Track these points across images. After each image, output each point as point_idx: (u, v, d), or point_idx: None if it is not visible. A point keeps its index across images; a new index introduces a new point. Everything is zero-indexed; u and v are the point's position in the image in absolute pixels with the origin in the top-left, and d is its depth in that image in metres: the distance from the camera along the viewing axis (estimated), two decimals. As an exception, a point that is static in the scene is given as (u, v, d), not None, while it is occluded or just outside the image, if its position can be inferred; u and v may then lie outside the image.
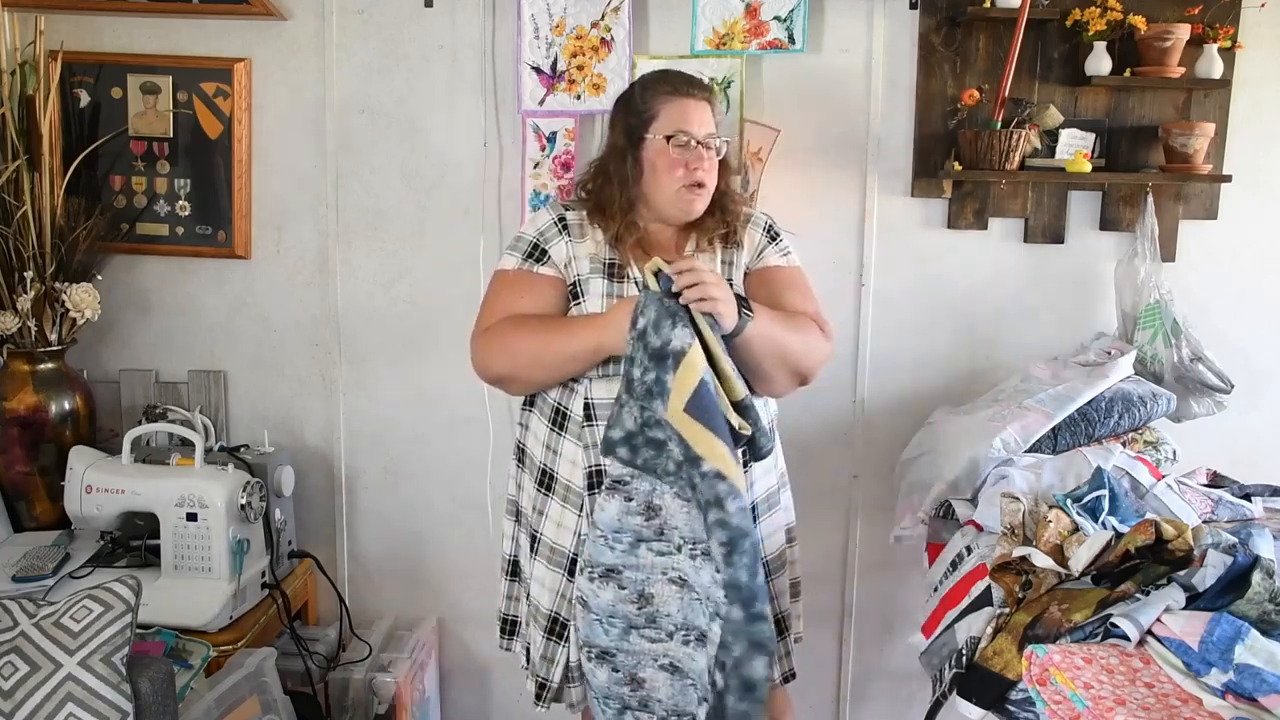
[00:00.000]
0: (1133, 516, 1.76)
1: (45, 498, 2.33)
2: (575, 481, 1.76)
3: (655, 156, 1.77)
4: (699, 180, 1.76)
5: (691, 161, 1.75)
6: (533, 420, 1.85)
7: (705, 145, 1.76)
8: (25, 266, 2.26)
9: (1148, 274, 2.35)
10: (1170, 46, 2.30)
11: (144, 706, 1.62)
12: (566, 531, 1.77)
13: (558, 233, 1.80)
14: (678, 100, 1.78)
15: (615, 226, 1.77)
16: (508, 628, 1.93)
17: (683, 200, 1.77)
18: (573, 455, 1.76)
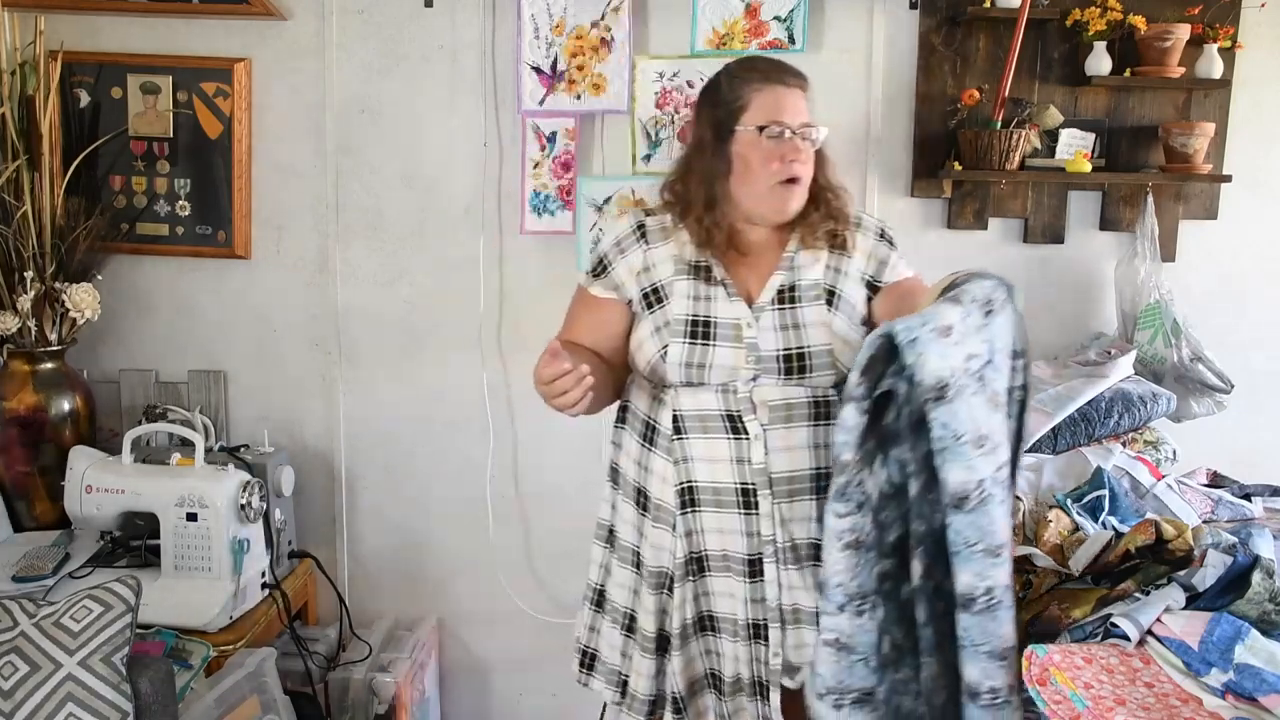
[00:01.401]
0: (1133, 516, 1.76)
1: (45, 498, 2.33)
2: (666, 499, 1.67)
3: (747, 150, 1.64)
4: (795, 174, 1.62)
5: (787, 154, 1.62)
6: (625, 437, 1.76)
7: (801, 136, 1.63)
8: (25, 266, 2.26)
9: (1148, 274, 2.35)
10: (1170, 46, 2.30)
11: (144, 706, 1.62)
12: (663, 553, 1.68)
13: (635, 240, 1.70)
14: (769, 88, 1.65)
15: (701, 228, 1.66)
16: (587, 660, 1.83)
17: (777, 197, 1.64)
18: (663, 471, 1.67)
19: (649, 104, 2.39)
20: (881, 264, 1.71)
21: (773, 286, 1.66)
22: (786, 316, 1.64)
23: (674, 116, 2.39)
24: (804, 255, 1.68)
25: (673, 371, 1.63)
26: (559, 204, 2.43)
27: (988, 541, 1.31)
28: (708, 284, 1.66)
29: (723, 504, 1.63)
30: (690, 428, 1.64)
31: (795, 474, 1.62)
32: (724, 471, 1.62)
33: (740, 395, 1.61)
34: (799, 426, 1.62)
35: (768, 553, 1.63)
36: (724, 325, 1.63)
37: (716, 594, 1.68)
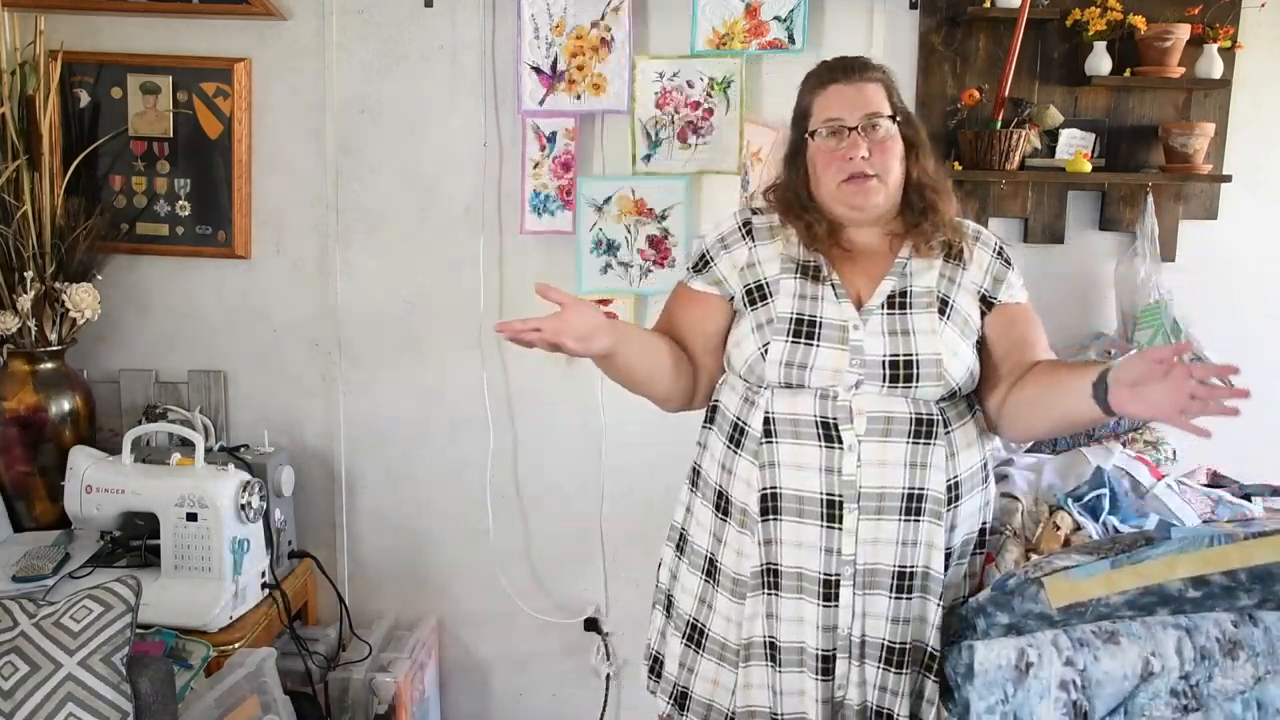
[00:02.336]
0: (1133, 516, 1.76)
1: (45, 498, 2.33)
2: (750, 504, 1.59)
3: (814, 154, 1.61)
4: (857, 170, 1.56)
5: (846, 150, 1.56)
6: (710, 439, 1.69)
7: (864, 130, 1.56)
8: (25, 266, 2.26)
9: (1148, 274, 2.35)
10: (1170, 46, 2.30)
11: (144, 706, 1.62)
12: (746, 560, 1.60)
13: (740, 237, 1.67)
14: (825, 89, 1.61)
15: (804, 225, 1.62)
16: (658, 667, 1.76)
17: (845, 196, 1.58)
18: (748, 475, 1.60)
19: (649, 104, 2.39)
20: (997, 281, 1.64)
21: (883, 291, 1.59)
22: (896, 322, 1.57)
23: (674, 116, 2.39)
24: (917, 262, 1.61)
25: (772, 371, 1.56)
26: (559, 204, 2.43)
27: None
28: (815, 283, 1.60)
29: (805, 514, 1.55)
30: (781, 431, 1.56)
31: (886, 490, 1.53)
32: (811, 480, 1.55)
33: (839, 402, 1.54)
34: (896, 442, 1.53)
35: (845, 574, 1.55)
36: (829, 326, 1.56)
37: (784, 619, 1.59)
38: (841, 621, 1.56)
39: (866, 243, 1.64)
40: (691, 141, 2.39)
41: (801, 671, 1.59)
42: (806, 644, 1.58)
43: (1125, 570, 1.43)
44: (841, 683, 1.57)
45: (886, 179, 1.58)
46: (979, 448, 1.63)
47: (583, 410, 2.51)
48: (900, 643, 1.56)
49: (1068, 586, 1.44)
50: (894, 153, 1.59)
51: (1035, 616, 1.45)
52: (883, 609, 1.55)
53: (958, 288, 1.61)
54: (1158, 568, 1.43)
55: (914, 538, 1.54)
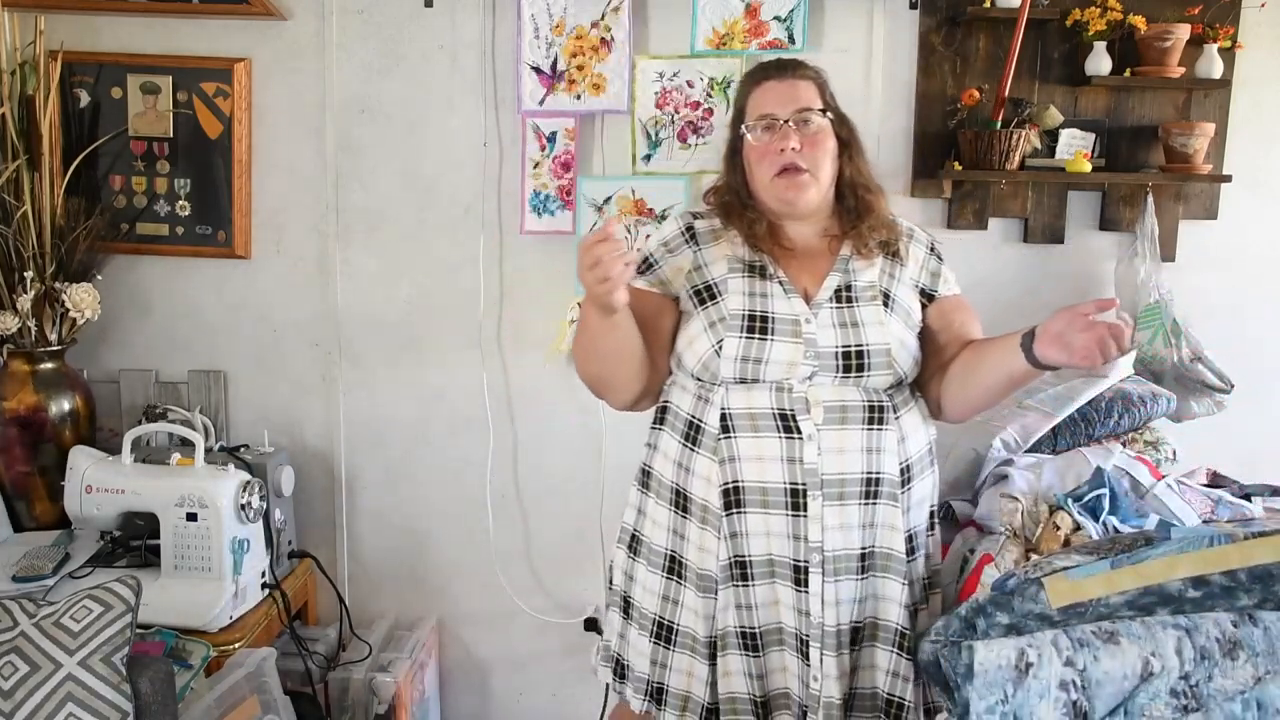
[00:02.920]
0: (1133, 516, 1.76)
1: (45, 498, 2.33)
2: (712, 500, 1.62)
3: (749, 151, 1.66)
4: (789, 163, 1.60)
5: (777, 143, 1.61)
6: (662, 439, 1.71)
7: (796, 124, 1.61)
8: (25, 266, 2.26)
9: (1148, 274, 2.35)
10: (1170, 46, 2.30)
11: (144, 706, 1.62)
12: (709, 556, 1.63)
13: (684, 242, 1.71)
14: (759, 86, 1.67)
15: (745, 225, 1.66)
16: (620, 670, 1.77)
17: (778, 189, 1.62)
18: (707, 471, 1.62)
19: (649, 104, 2.39)
20: (935, 275, 1.73)
21: (830, 285, 1.65)
22: (844, 314, 1.62)
23: (674, 116, 2.39)
24: (858, 261, 1.67)
25: (727, 367, 1.60)
26: (559, 204, 2.43)
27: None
28: (763, 280, 1.64)
29: (770, 505, 1.59)
30: (739, 426, 1.60)
31: (846, 476, 1.59)
32: (773, 471, 1.59)
33: (795, 394, 1.59)
34: (853, 429, 1.59)
35: (814, 561, 1.59)
36: (782, 320, 1.61)
37: (761, 605, 1.63)
38: (813, 608, 1.60)
39: (807, 242, 1.69)
40: (691, 141, 2.40)
41: (783, 650, 1.64)
42: (785, 625, 1.63)
43: (1125, 570, 1.43)
44: (817, 673, 1.61)
45: (818, 174, 1.63)
46: (924, 432, 1.70)
47: (583, 410, 2.51)
48: (864, 619, 1.63)
49: (1068, 586, 1.45)
50: (825, 148, 1.64)
51: (1035, 616, 1.45)
52: (850, 593, 1.61)
53: (898, 283, 1.68)
54: (1158, 568, 1.43)
55: (874, 520, 1.61)
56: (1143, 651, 1.39)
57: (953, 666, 1.48)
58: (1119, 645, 1.39)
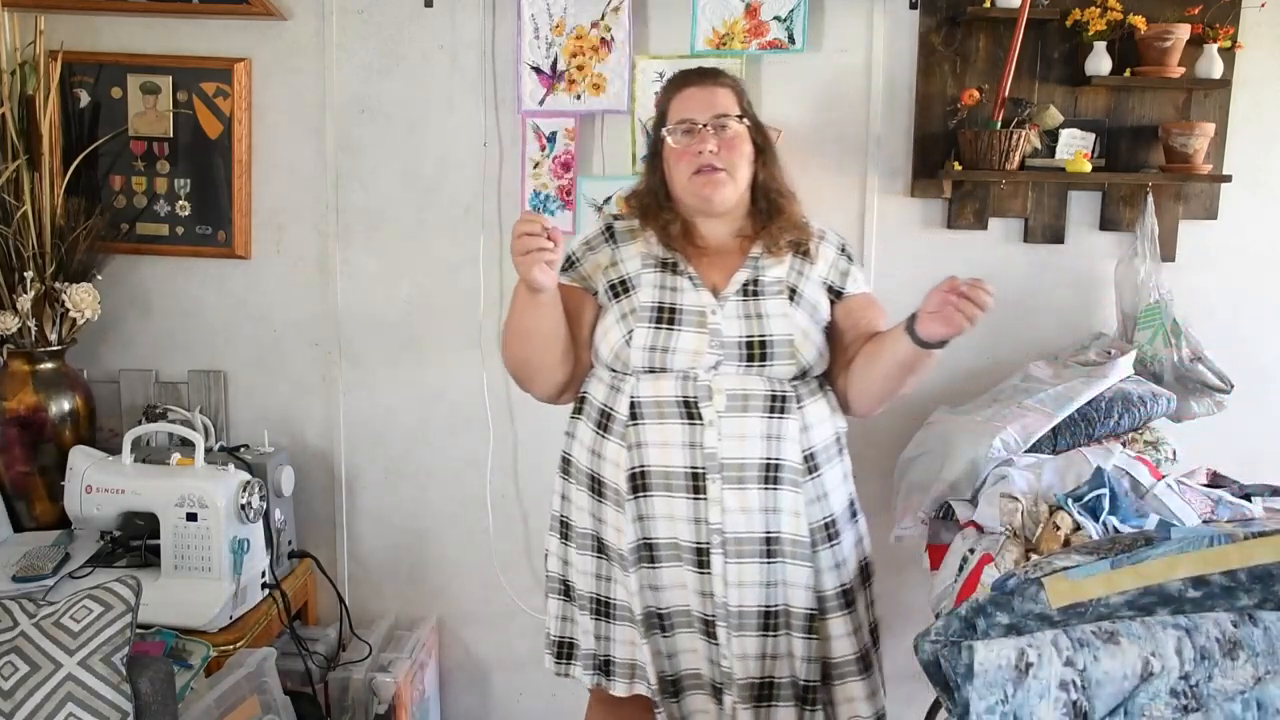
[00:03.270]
0: (1133, 516, 1.76)
1: (45, 498, 2.33)
2: (621, 483, 1.72)
3: (669, 153, 1.76)
4: (705, 163, 1.70)
5: (696, 145, 1.71)
6: (579, 427, 1.81)
7: (714, 128, 1.71)
8: (25, 266, 2.26)
9: (1148, 274, 2.35)
10: (1170, 46, 2.30)
11: (144, 706, 1.62)
12: (624, 537, 1.73)
13: (604, 241, 1.83)
14: (680, 93, 1.77)
15: (659, 226, 1.76)
16: (564, 651, 1.87)
17: (696, 188, 1.72)
18: (616, 457, 1.72)
19: (649, 104, 2.38)
20: (843, 274, 1.82)
21: (738, 279, 1.75)
22: (750, 306, 1.72)
23: (674, 116, 2.39)
24: (768, 259, 1.77)
25: (637, 355, 1.69)
26: (559, 204, 2.43)
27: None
28: (674, 275, 1.75)
29: (673, 488, 1.69)
30: (647, 413, 1.69)
31: (746, 461, 1.68)
32: (676, 456, 1.68)
33: (700, 382, 1.68)
34: (754, 416, 1.68)
35: (714, 542, 1.69)
36: (689, 312, 1.71)
37: (666, 587, 1.73)
38: (716, 589, 1.69)
39: (720, 241, 1.79)
40: (691, 141, 2.39)
41: (692, 632, 1.73)
42: (691, 607, 1.72)
43: (1125, 570, 1.43)
44: (726, 652, 1.70)
45: (734, 174, 1.73)
46: (831, 423, 1.79)
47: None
48: (770, 606, 1.71)
49: (1068, 586, 1.45)
50: (741, 151, 1.74)
51: (1035, 616, 1.45)
52: (754, 575, 1.70)
53: (806, 279, 1.78)
54: (1158, 568, 1.43)
55: (775, 505, 1.69)
56: (1143, 651, 1.39)
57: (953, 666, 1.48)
58: (1119, 645, 1.39)
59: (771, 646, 1.73)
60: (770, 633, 1.72)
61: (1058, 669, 1.39)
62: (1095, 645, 1.40)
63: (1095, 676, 1.38)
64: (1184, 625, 1.41)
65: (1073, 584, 1.44)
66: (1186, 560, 1.42)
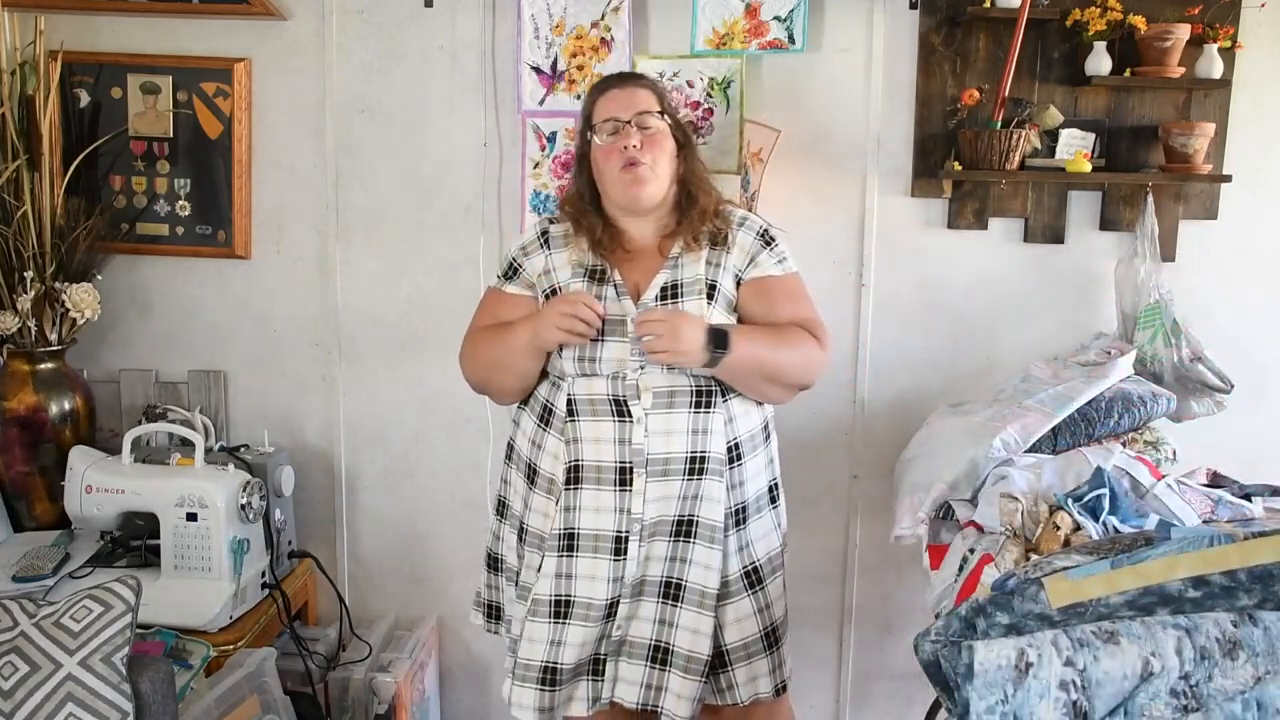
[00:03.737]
0: (1133, 516, 1.76)
1: (45, 498, 2.33)
2: (558, 475, 1.82)
3: (597, 152, 1.84)
4: (631, 158, 1.79)
5: (620, 141, 1.80)
6: (523, 418, 1.92)
7: (637, 125, 1.80)
8: (25, 266, 2.26)
9: (1148, 274, 2.35)
10: (1170, 46, 2.30)
11: (144, 706, 1.62)
12: (548, 520, 1.83)
13: (538, 246, 1.91)
14: (604, 95, 1.86)
15: (586, 231, 1.85)
16: (493, 612, 2.01)
17: (624, 183, 1.80)
18: (555, 450, 1.82)
19: (649, 104, 2.39)
20: (751, 260, 1.87)
21: (657, 284, 1.83)
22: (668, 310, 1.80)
23: (674, 116, 2.39)
24: (687, 256, 1.84)
25: (568, 365, 1.80)
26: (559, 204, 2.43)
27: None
28: (600, 285, 1.83)
29: (602, 481, 1.78)
30: (581, 411, 1.79)
31: (671, 455, 1.78)
32: (607, 451, 1.78)
33: (628, 382, 1.77)
34: (679, 412, 1.78)
35: (634, 530, 1.78)
36: (612, 322, 1.79)
37: (580, 577, 1.80)
38: (628, 572, 1.80)
39: (645, 242, 1.87)
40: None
41: (586, 624, 1.80)
42: (595, 598, 1.80)
43: (1125, 570, 1.43)
44: (620, 622, 1.81)
45: (656, 168, 1.81)
46: (758, 412, 1.88)
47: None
48: (677, 580, 1.81)
49: (1068, 586, 1.45)
50: (663, 147, 1.82)
51: (1035, 616, 1.45)
52: (661, 552, 1.80)
53: (722, 271, 1.84)
54: (1158, 568, 1.43)
55: (695, 493, 1.79)
56: (1143, 651, 1.39)
57: (952, 666, 1.48)
58: (1119, 645, 1.39)
59: (673, 615, 1.82)
60: (671, 602, 1.82)
61: (1058, 669, 1.39)
62: (1095, 645, 1.39)
63: (1095, 676, 1.38)
64: (1184, 625, 1.41)
65: (1073, 584, 1.44)
66: (1186, 560, 1.42)
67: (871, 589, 2.58)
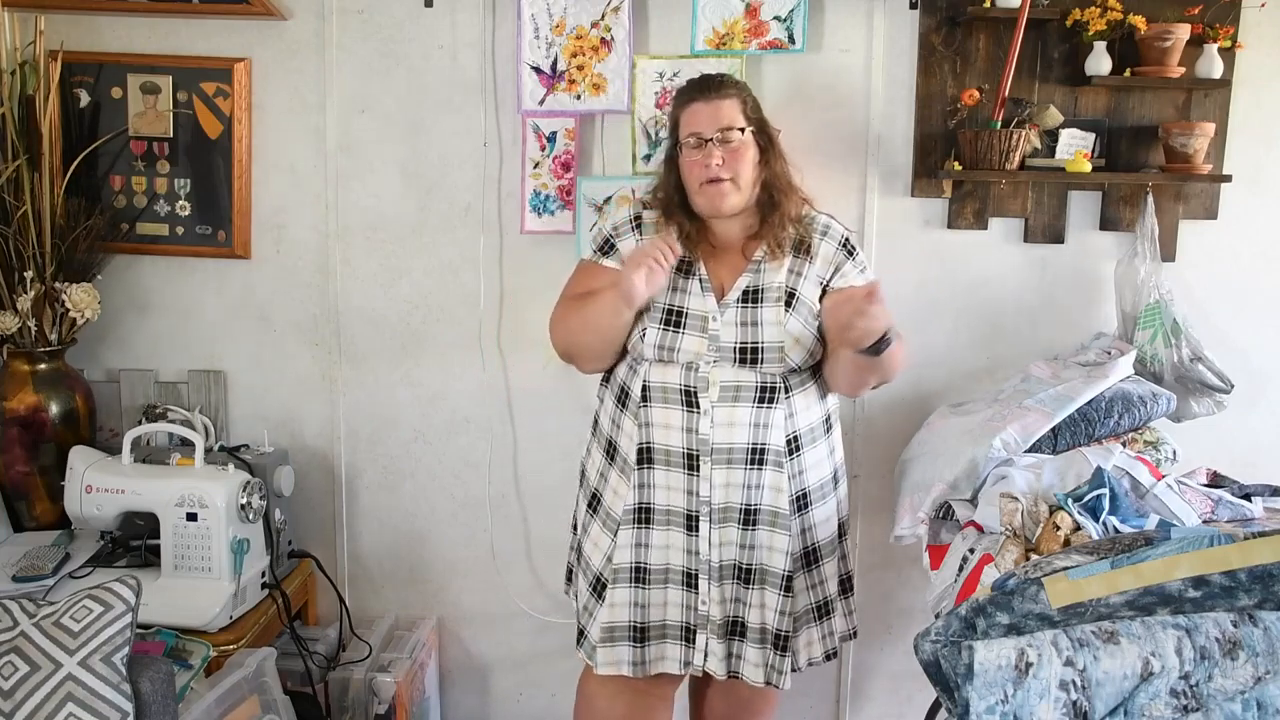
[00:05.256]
0: (1133, 516, 1.76)
1: (45, 498, 2.33)
2: (630, 455, 1.93)
3: (683, 162, 1.91)
4: (712, 175, 1.85)
5: (704, 158, 1.86)
6: (606, 396, 2.03)
7: (719, 141, 1.85)
8: (25, 266, 2.26)
9: (1148, 274, 2.35)
10: (1170, 46, 2.30)
11: (144, 706, 1.62)
12: (620, 500, 1.95)
13: (630, 229, 1.99)
14: (688, 107, 1.91)
15: (681, 230, 1.91)
16: (571, 575, 2.14)
17: (705, 197, 1.88)
18: (630, 431, 1.94)
19: (649, 104, 2.39)
20: (836, 270, 1.94)
21: (739, 287, 1.91)
22: (747, 314, 1.89)
23: (674, 116, 2.39)
24: (770, 261, 1.92)
25: (648, 351, 1.90)
26: (559, 204, 2.44)
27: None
28: (686, 277, 1.92)
29: (671, 464, 1.91)
30: (654, 397, 1.90)
31: (734, 446, 1.88)
32: (675, 437, 1.90)
33: (700, 374, 1.88)
34: (743, 406, 1.88)
35: (703, 511, 1.90)
36: (694, 317, 1.89)
37: (654, 546, 1.93)
38: (702, 549, 1.91)
39: (730, 240, 1.95)
40: (691, 141, 2.39)
41: (666, 587, 1.94)
42: (672, 565, 1.93)
43: (1125, 570, 1.43)
44: (705, 599, 1.92)
45: (739, 182, 1.87)
46: (820, 407, 1.98)
47: (583, 410, 2.49)
48: (748, 565, 1.92)
49: (1068, 586, 1.45)
50: (746, 158, 1.88)
51: (1035, 616, 1.45)
52: (733, 538, 1.91)
53: (804, 280, 1.92)
54: (1158, 568, 1.43)
55: (758, 482, 1.90)
56: (1143, 651, 1.39)
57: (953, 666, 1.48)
58: (1119, 645, 1.39)
59: (745, 595, 1.93)
60: (744, 584, 1.93)
61: (1058, 669, 1.39)
62: (1095, 645, 1.40)
63: (1095, 676, 1.38)
64: (1184, 625, 1.41)
65: (1073, 584, 1.45)
66: (1186, 560, 1.42)
67: (871, 589, 2.58)
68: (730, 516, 1.91)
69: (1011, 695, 1.38)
